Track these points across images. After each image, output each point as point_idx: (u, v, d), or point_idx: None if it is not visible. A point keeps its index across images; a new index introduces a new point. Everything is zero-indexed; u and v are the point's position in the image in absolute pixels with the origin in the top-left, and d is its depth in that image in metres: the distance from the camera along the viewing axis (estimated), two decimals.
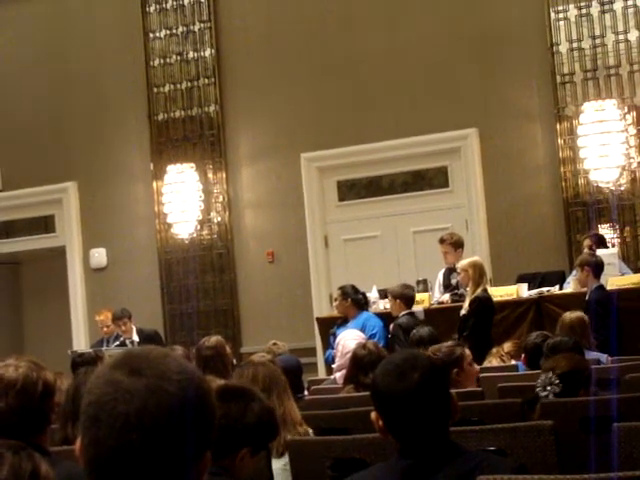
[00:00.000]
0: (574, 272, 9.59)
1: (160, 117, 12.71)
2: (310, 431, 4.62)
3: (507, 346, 7.80)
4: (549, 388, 4.73)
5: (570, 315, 7.21)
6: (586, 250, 9.62)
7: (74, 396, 4.04)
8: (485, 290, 8.85)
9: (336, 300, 9.66)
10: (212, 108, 12.51)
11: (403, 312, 9.12)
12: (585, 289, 8.96)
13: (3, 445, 2.06)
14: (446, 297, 9.76)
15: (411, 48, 11.55)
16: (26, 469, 1.98)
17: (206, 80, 12.53)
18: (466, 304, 8.78)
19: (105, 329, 11.37)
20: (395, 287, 9.35)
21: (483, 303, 8.73)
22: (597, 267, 8.90)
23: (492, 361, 7.65)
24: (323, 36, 12.01)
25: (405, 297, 9.22)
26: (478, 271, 8.83)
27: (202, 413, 1.60)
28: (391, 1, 11.70)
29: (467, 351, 5.71)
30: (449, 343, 6.04)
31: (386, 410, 2.84)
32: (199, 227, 12.43)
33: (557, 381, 4.72)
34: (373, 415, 2.87)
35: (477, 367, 5.84)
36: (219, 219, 12.46)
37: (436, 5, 11.52)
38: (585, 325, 7.19)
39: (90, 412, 1.58)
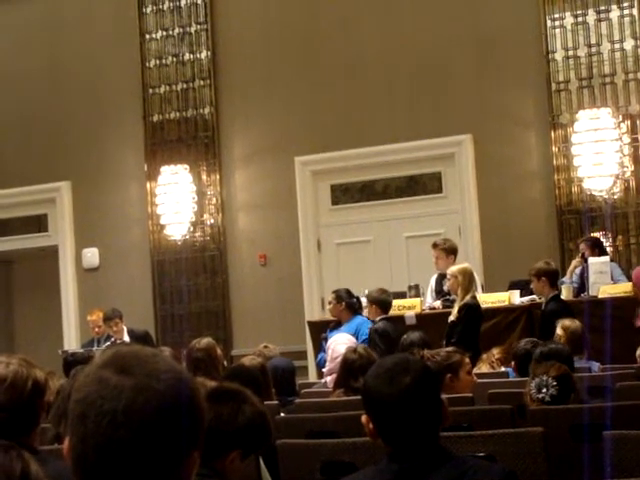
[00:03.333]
0: (564, 279, 9.60)
1: (155, 118, 12.69)
2: None
3: (495, 352, 7.78)
4: (544, 390, 4.71)
5: (571, 324, 7.24)
6: (577, 257, 9.68)
7: (69, 395, 4.01)
8: (474, 297, 8.80)
9: (330, 303, 9.63)
10: (207, 110, 12.50)
11: (380, 317, 9.10)
12: (541, 299, 8.99)
13: None
14: (438, 303, 9.74)
15: (407, 53, 11.55)
16: (16, 469, 1.96)
17: (201, 82, 12.52)
18: (455, 310, 8.75)
19: (96, 329, 11.36)
20: (372, 291, 9.29)
21: (472, 310, 8.68)
22: (554, 276, 8.92)
23: (482, 367, 7.64)
24: (319, 40, 12.01)
25: (381, 302, 9.14)
26: (467, 278, 8.78)
27: (190, 412, 1.59)
28: (387, 7, 11.70)
29: (467, 360, 5.62)
30: (450, 348, 5.99)
31: (376, 413, 2.82)
32: (192, 229, 12.41)
33: (554, 383, 4.71)
34: (363, 418, 2.86)
35: (475, 378, 5.77)
36: (212, 221, 12.44)
37: (431, 10, 11.52)
38: (584, 334, 7.24)
39: (77, 410, 1.57)
